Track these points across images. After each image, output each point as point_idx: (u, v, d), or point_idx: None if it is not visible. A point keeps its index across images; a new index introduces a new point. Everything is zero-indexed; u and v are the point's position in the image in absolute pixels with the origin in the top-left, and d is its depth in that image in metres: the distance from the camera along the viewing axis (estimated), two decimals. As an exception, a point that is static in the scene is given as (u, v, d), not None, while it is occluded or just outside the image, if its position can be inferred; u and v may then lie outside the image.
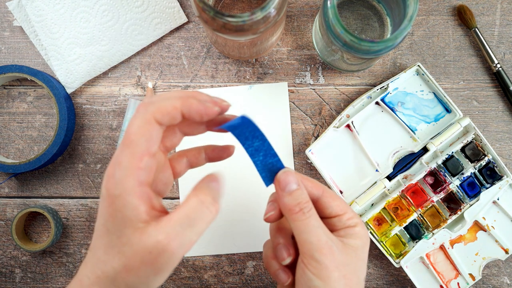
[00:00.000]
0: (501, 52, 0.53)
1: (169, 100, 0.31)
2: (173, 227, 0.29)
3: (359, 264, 0.36)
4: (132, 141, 0.30)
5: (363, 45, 0.41)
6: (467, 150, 0.51)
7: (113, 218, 0.30)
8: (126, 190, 0.29)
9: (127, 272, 0.29)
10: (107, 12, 0.51)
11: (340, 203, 0.37)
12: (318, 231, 0.34)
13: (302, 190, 0.35)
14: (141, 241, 0.29)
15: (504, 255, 0.51)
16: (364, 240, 0.37)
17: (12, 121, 0.54)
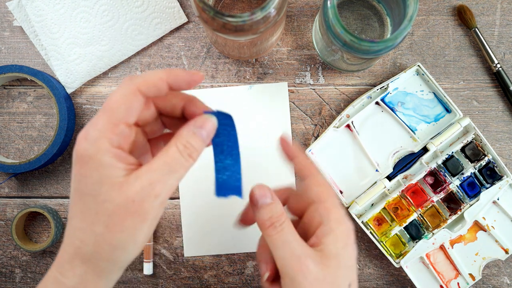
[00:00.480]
0: (501, 52, 0.53)
1: (155, 72, 0.30)
2: (154, 173, 0.29)
3: (341, 273, 0.33)
4: (111, 108, 0.29)
5: (363, 45, 0.41)
6: (467, 150, 0.51)
7: (87, 179, 0.29)
8: (100, 150, 0.29)
9: (111, 230, 0.29)
10: (107, 12, 0.51)
11: (321, 189, 0.35)
12: (291, 245, 0.32)
13: (276, 204, 0.34)
14: (122, 192, 0.28)
15: (504, 255, 0.51)
16: (343, 242, 0.33)
17: (12, 121, 0.54)
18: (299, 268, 0.32)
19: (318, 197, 0.34)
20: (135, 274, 0.54)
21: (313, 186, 0.35)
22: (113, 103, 0.29)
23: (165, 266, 0.54)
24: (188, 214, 0.53)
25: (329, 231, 0.33)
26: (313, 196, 0.35)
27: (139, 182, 0.29)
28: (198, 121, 0.31)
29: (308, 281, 0.31)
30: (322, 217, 0.34)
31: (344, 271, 0.33)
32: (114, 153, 0.29)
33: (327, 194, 0.35)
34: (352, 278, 0.34)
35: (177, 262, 0.54)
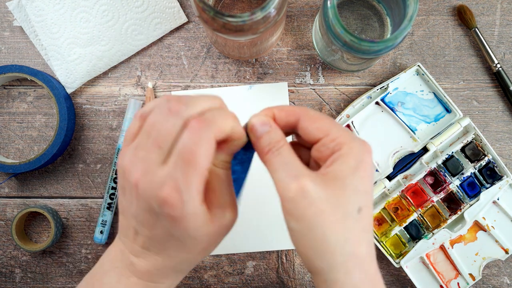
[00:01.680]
0: (501, 52, 0.53)
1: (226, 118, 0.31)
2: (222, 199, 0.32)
3: (347, 195, 0.30)
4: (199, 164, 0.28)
5: (363, 45, 0.41)
6: (467, 150, 0.51)
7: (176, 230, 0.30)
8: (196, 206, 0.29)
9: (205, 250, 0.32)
10: (107, 12, 0.51)
11: (321, 124, 0.32)
12: (288, 167, 0.31)
13: (274, 130, 0.32)
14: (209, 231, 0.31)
15: (504, 255, 0.51)
16: (352, 163, 0.30)
17: (12, 121, 0.54)
18: (297, 188, 0.30)
19: (318, 132, 0.32)
20: (135, 274, 0.54)
21: (309, 125, 0.32)
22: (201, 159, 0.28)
23: (165, 266, 0.54)
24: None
25: (338, 157, 0.31)
26: (313, 134, 0.32)
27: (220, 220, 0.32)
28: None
29: (307, 201, 0.30)
30: (331, 148, 0.31)
31: (352, 194, 0.30)
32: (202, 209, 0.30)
33: (328, 126, 0.32)
34: (363, 203, 0.31)
35: (177, 262, 0.54)
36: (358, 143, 0.31)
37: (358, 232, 0.31)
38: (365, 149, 0.31)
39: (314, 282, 0.33)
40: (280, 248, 0.53)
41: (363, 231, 0.31)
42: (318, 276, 0.31)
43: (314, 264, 0.31)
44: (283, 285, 0.54)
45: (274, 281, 0.54)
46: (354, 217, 0.30)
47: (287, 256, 0.54)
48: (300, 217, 0.30)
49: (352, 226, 0.30)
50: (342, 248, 0.30)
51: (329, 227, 0.30)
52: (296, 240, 0.31)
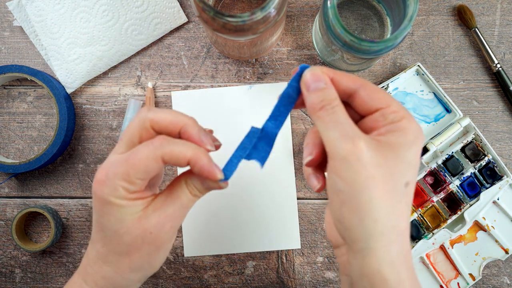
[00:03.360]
0: (501, 52, 0.53)
1: (183, 147, 0.32)
2: (169, 208, 0.34)
3: (400, 166, 0.29)
4: (134, 165, 0.32)
5: (363, 45, 0.41)
6: (467, 150, 0.51)
7: (109, 216, 0.33)
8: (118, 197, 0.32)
9: (130, 256, 0.34)
10: (107, 12, 0.51)
11: (383, 95, 0.31)
12: (343, 126, 0.30)
13: (329, 88, 0.31)
14: (141, 225, 0.33)
15: (504, 255, 0.51)
16: (410, 137, 0.30)
17: (12, 121, 0.54)
18: (351, 148, 0.29)
19: (380, 103, 0.31)
20: (135, 274, 0.54)
21: (371, 94, 0.31)
22: (136, 161, 0.32)
23: (165, 266, 0.54)
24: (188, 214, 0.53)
25: (396, 128, 0.30)
26: (374, 103, 0.31)
27: (157, 216, 0.33)
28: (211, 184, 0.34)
29: (361, 163, 0.29)
30: (389, 120, 0.30)
31: (404, 167, 0.30)
32: (131, 197, 0.33)
33: (390, 99, 0.31)
34: (411, 178, 0.30)
35: (177, 262, 0.54)
36: (415, 121, 0.31)
37: (402, 206, 0.30)
38: (420, 128, 0.31)
39: (340, 254, 0.33)
40: (280, 248, 0.53)
41: (406, 205, 0.31)
42: (352, 245, 0.30)
43: (352, 231, 0.30)
44: (283, 285, 0.54)
45: (274, 281, 0.54)
46: (401, 190, 0.30)
47: (287, 256, 0.54)
48: (350, 179, 0.29)
49: (398, 199, 0.30)
50: (385, 218, 0.29)
51: (377, 194, 0.29)
52: (340, 202, 0.30)
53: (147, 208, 0.33)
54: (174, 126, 0.33)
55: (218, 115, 0.53)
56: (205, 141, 0.33)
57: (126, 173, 0.32)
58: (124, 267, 0.34)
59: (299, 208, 0.53)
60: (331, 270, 0.54)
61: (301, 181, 0.53)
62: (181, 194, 0.34)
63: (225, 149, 0.53)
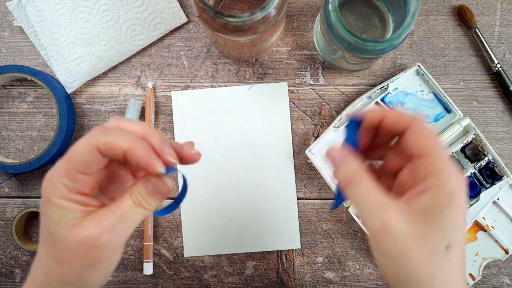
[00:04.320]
0: (501, 52, 0.53)
1: (119, 138, 0.30)
2: (106, 221, 0.30)
3: (434, 231, 0.28)
4: (70, 157, 0.30)
5: (367, 46, 0.41)
6: (467, 150, 0.51)
7: (48, 217, 0.31)
8: (57, 195, 0.30)
9: (60, 265, 0.30)
10: (107, 12, 0.51)
11: (426, 142, 0.30)
12: (368, 203, 0.30)
13: (349, 161, 0.31)
14: (75, 234, 0.30)
15: (504, 255, 0.51)
16: (443, 199, 0.28)
17: (12, 121, 0.54)
18: (380, 225, 0.29)
19: (420, 150, 0.30)
20: (135, 274, 0.54)
21: (414, 137, 0.30)
22: (73, 153, 0.30)
23: (165, 266, 0.54)
24: (188, 214, 0.53)
25: (428, 189, 0.29)
26: (414, 149, 0.30)
27: (91, 226, 0.30)
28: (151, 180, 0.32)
29: (391, 238, 0.29)
30: (424, 174, 0.29)
31: (440, 231, 0.29)
32: (71, 197, 0.30)
33: (433, 146, 0.30)
34: (452, 240, 0.29)
35: (177, 262, 0.54)
36: (454, 175, 0.29)
37: (446, 269, 0.29)
38: (459, 183, 0.29)
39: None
40: (280, 248, 0.53)
41: (451, 268, 0.29)
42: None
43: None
44: (283, 285, 0.54)
45: (274, 281, 0.54)
46: (442, 254, 0.29)
47: (287, 256, 0.54)
48: (385, 253, 0.29)
49: (439, 263, 0.29)
50: (429, 284, 0.29)
51: (414, 264, 0.29)
52: (383, 271, 0.31)
53: (86, 217, 0.30)
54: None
55: (218, 115, 0.53)
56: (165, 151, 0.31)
57: (64, 167, 0.30)
58: (55, 277, 0.31)
59: (299, 208, 0.53)
60: (331, 270, 0.54)
61: (301, 181, 0.53)
62: (122, 203, 0.31)
63: (225, 149, 0.53)
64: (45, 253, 0.31)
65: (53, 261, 0.31)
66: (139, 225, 0.54)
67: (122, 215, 0.30)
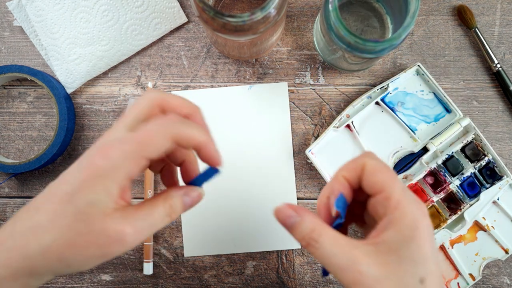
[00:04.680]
0: (501, 52, 0.53)
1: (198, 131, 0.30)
2: (138, 224, 0.29)
3: (404, 268, 0.28)
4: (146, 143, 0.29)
5: (368, 46, 0.41)
6: (467, 150, 0.51)
7: (86, 193, 0.28)
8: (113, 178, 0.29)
9: (70, 247, 0.28)
10: (107, 12, 0.51)
11: (378, 177, 0.30)
12: (335, 258, 0.29)
13: (302, 222, 0.31)
14: (104, 223, 0.28)
15: (504, 255, 0.51)
16: (405, 232, 0.29)
17: (12, 121, 0.54)
18: (352, 279, 0.28)
19: (375, 187, 0.31)
20: (135, 274, 0.54)
21: (367, 176, 0.31)
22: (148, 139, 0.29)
23: (165, 266, 0.54)
24: (188, 214, 0.53)
25: (390, 224, 0.29)
26: (369, 188, 0.31)
27: (122, 223, 0.29)
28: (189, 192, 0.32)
29: (365, 285, 0.28)
30: (383, 210, 0.30)
31: (410, 267, 0.28)
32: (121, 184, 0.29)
33: (387, 180, 0.30)
34: (424, 272, 0.29)
35: (177, 262, 0.54)
36: (412, 204, 0.29)
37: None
38: (420, 213, 0.29)
39: None
40: (280, 248, 0.53)
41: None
42: None
43: None
44: (283, 285, 0.54)
45: (274, 281, 0.54)
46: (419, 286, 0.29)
47: (287, 256, 0.54)
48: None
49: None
50: None
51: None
52: None
53: (118, 210, 0.29)
54: (183, 111, 0.32)
55: (218, 115, 0.53)
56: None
57: (134, 151, 0.28)
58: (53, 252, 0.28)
59: (299, 208, 0.53)
60: (331, 270, 0.53)
61: (301, 181, 0.53)
62: (154, 210, 0.30)
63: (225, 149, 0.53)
64: (56, 225, 0.28)
65: (64, 240, 0.28)
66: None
67: (153, 223, 0.30)
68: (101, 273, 0.54)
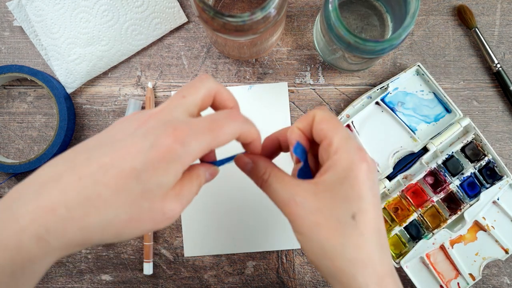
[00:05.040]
0: (501, 52, 0.53)
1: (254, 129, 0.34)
2: (184, 200, 0.31)
3: (337, 203, 0.32)
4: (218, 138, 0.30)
5: (368, 46, 0.41)
6: (467, 150, 0.51)
7: (157, 174, 0.28)
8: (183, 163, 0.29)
9: (130, 223, 0.29)
10: (107, 12, 0.51)
11: (324, 126, 0.34)
12: (279, 192, 0.33)
13: (256, 164, 0.36)
14: (164, 202, 0.30)
15: (504, 255, 0.51)
16: (340, 173, 0.32)
17: (12, 121, 0.54)
18: (290, 210, 0.33)
19: (321, 134, 0.34)
20: (135, 274, 0.54)
21: (316, 125, 0.34)
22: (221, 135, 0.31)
23: (165, 266, 0.54)
24: (188, 214, 0.53)
25: (329, 167, 0.33)
26: (317, 136, 0.34)
27: (175, 201, 0.30)
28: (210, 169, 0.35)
29: (302, 217, 0.32)
30: (327, 155, 0.33)
31: (343, 202, 0.32)
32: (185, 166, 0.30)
33: (332, 128, 0.33)
34: (357, 209, 0.32)
35: (177, 262, 0.54)
36: (351, 150, 0.32)
37: (355, 238, 0.32)
38: (357, 158, 0.32)
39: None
40: (280, 248, 0.53)
41: (360, 236, 0.32)
42: (327, 281, 0.33)
43: (320, 270, 0.33)
44: (283, 285, 0.54)
45: (274, 281, 0.54)
46: (349, 224, 0.32)
47: (287, 256, 0.54)
48: (300, 231, 0.32)
49: (346, 232, 0.32)
50: (340, 254, 0.32)
51: (324, 236, 0.32)
52: (303, 249, 0.33)
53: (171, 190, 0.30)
54: (230, 104, 0.34)
55: (218, 115, 0.53)
56: None
57: (208, 144, 0.29)
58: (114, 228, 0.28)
59: (299, 208, 0.53)
60: (331, 270, 0.53)
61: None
62: (193, 188, 0.32)
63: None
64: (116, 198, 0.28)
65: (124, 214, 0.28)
66: (139, 225, 0.54)
67: (191, 198, 0.32)
68: (101, 273, 0.54)
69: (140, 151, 0.28)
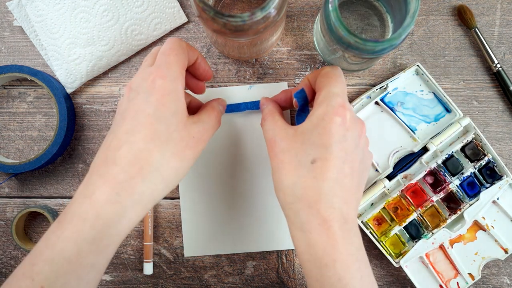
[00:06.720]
0: (501, 52, 0.53)
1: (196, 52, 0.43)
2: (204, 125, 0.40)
3: (303, 147, 0.36)
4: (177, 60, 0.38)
5: (368, 46, 0.41)
6: (467, 150, 0.51)
7: (165, 108, 0.36)
8: (178, 87, 0.37)
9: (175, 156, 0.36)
10: (107, 12, 0.51)
11: (323, 79, 0.39)
12: (269, 132, 0.40)
13: (267, 105, 0.45)
14: (186, 129, 0.37)
15: (504, 255, 0.52)
16: (314, 121, 0.37)
17: (12, 121, 0.54)
18: (270, 148, 0.39)
19: (317, 87, 0.39)
20: (135, 274, 0.54)
21: (318, 78, 0.40)
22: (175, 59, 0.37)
23: (165, 266, 0.54)
24: (188, 214, 0.53)
25: (311, 114, 0.38)
26: (316, 87, 0.40)
27: (200, 125, 0.39)
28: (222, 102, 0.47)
29: (274, 153, 0.38)
30: (315, 105, 0.38)
31: (308, 147, 0.36)
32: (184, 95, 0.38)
33: (326, 83, 0.39)
34: (318, 155, 0.36)
35: (177, 262, 0.54)
36: (329, 104, 0.37)
37: (307, 179, 0.36)
38: (332, 111, 0.36)
39: None
40: (280, 248, 0.53)
41: (312, 178, 0.36)
42: (284, 213, 0.38)
43: (279, 201, 0.39)
44: (283, 285, 0.54)
45: (274, 281, 0.54)
46: (306, 167, 0.36)
47: (287, 256, 0.54)
48: (271, 166, 0.39)
49: (301, 174, 0.36)
50: (292, 190, 0.36)
51: (283, 174, 0.37)
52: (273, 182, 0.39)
53: (188, 118, 0.38)
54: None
55: (218, 115, 0.53)
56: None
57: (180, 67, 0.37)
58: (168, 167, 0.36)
59: (299, 208, 0.53)
60: (331, 270, 0.53)
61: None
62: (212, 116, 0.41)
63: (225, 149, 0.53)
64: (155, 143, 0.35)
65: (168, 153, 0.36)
66: (139, 225, 0.54)
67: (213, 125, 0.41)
68: (101, 273, 0.54)
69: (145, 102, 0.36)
